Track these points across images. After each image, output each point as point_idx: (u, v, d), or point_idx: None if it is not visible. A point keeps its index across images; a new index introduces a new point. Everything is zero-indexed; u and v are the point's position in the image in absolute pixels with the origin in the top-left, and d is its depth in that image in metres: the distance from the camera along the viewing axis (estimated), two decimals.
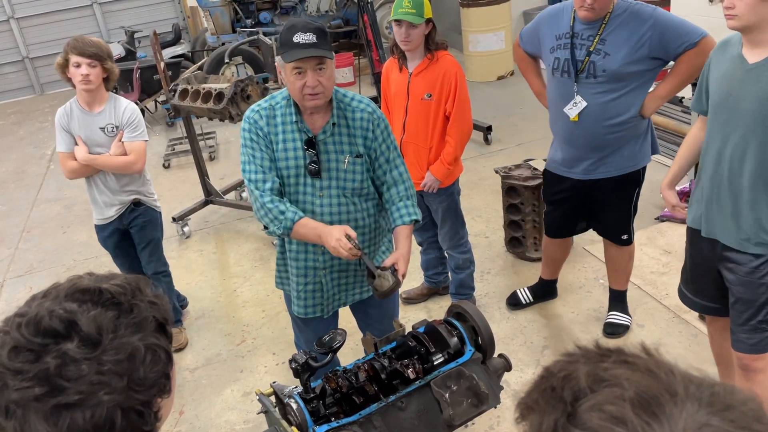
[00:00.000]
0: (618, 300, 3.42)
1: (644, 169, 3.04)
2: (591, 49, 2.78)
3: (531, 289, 3.69)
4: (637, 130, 2.92)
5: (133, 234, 3.54)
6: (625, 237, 3.19)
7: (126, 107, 3.34)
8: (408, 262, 2.29)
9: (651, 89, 2.90)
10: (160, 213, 3.65)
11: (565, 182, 3.13)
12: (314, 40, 2.10)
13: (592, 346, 0.66)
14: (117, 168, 3.31)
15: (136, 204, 3.47)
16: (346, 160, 2.26)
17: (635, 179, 3.03)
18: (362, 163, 2.28)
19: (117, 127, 3.29)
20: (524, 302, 3.66)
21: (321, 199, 2.27)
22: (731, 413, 0.55)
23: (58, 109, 3.31)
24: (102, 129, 3.27)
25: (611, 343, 0.71)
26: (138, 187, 3.46)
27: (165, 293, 3.35)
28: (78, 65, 3.11)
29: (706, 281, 2.46)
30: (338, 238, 2.12)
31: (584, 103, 2.85)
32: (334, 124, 2.24)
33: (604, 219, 3.20)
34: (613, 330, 3.35)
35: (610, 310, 3.43)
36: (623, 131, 2.88)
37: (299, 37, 2.09)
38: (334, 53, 2.20)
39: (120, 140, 3.28)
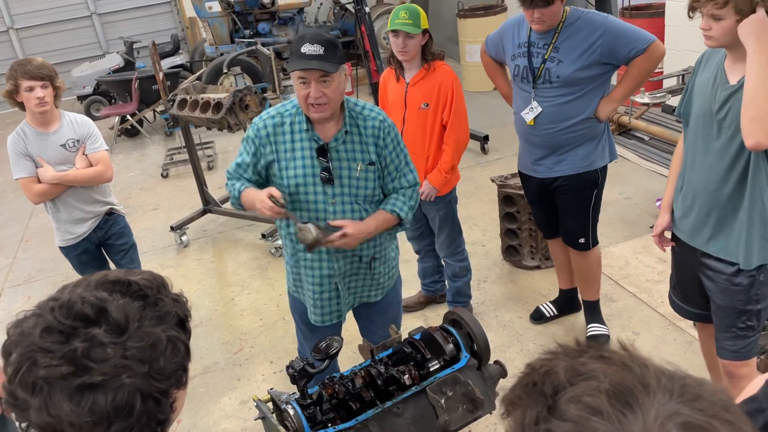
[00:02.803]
0: (593, 311, 3.44)
1: (602, 171, 3.10)
2: (546, 57, 2.90)
3: (554, 302, 3.66)
4: (593, 132, 3.01)
5: (111, 244, 3.52)
6: (582, 241, 3.22)
7: (82, 121, 3.34)
8: (361, 232, 2.27)
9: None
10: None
11: (532, 181, 3.23)
12: (321, 51, 2.12)
13: (572, 343, 0.69)
14: (89, 180, 3.28)
15: (109, 213, 3.47)
16: (359, 168, 2.28)
17: (592, 180, 3.10)
18: (374, 171, 2.31)
19: (78, 141, 3.27)
20: (549, 315, 3.62)
21: (333, 206, 2.29)
22: (700, 403, 0.58)
23: (8, 137, 3.23)
24: (63, 146, 3.24)
25: None
26: (107, 196, 3.46)
27: None
28: (31, 89, 3.07)
29: (691, 288, 2.48)
30: (261, 199, 2.19)
31: (539, 109, 2.98)
32: (346, 132, 2.27)
33: (564, 222, 3.26)
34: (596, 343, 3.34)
35: (587, 323, 3.45)
36: (577, 132, 2.98)
37: (306, 48, 2.12)
38: (343, 65, 2.20)
39: (83, 153, 3.27)
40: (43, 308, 0.88)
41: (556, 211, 3.29)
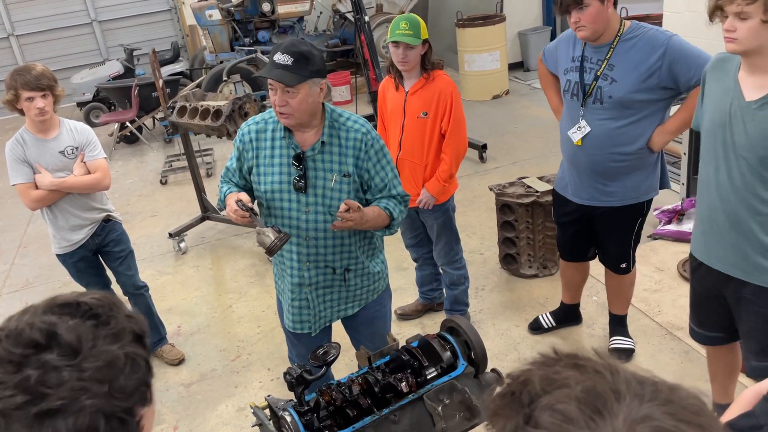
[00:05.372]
0: (619, 324, 3.39)
1: (649, 201, 2.96)
2: (598, 73, 2.71)
3: (553, 313, 3.61)
4: (645, 161, 2.81)
5: (108, 251, 3.52)
6: (623, 266, 3.15)
7: (82, 128, 3.34)
8: (363, 215, 2.21)
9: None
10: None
11: (570, 205, 3.09)
12: (288, 62, 2.12)
13: (550, 352, 0.70)
14: (87, 187, 3.28)
15: (106, 221, 3.47)
16: (334, 179, 2.27)
17: (638, 210, 2.96)
18: (349, 183, 2.29)
19: (77, 148, 3.28)
20: (546, 326, 3.59)
21: (307, 214, 2.29)
22: (671, 407, 0.60)
23: (7, 143, 3.23)
24: (62, 152, 3.24)
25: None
26: (104, 204, 3.47)
27: (151, 308, 3.33)
28: (31, 99, 3.07)
29: (712, 311, 2.37)
30: (230, 204, 2.23)
31: (588, 129, 2.79)
32: (323, 142, 2.26)
33: (604, 247, 3.16)
34: (619, 356, 3.21)
35: (612, 335, 3.40)
36: (629, 161, 2.79)
37: (277, 56, 2.14)
38: (316, 79, 2.17)
39: (82, 161, 3.28)
40: None
41: (586, 237, 3.18)
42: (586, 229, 3.15)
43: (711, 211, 2.21)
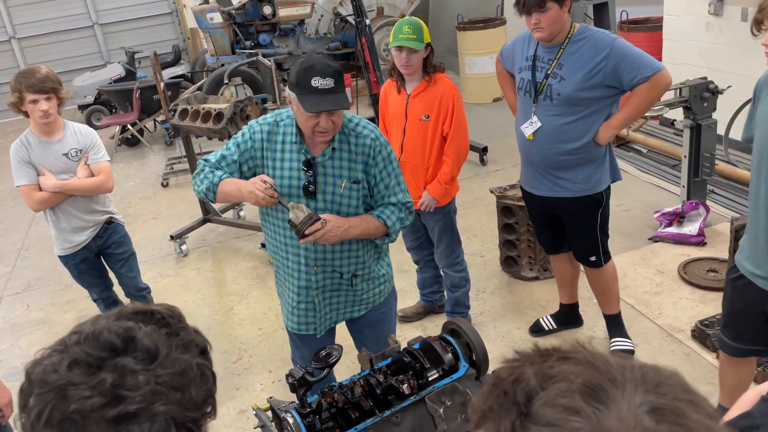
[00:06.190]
0: (614, 324, 3.40)
1: (605, 192, 3.06)
2: (549, 72, 2.87)
3: (554, 316, 3.63)
4: (593, 155, 2.95)
5: (110, 252, 3.53)
6: (593, 259, 3.19)
7: (86, 131, 3.36)
8: (341, 222, 2.21)
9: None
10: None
11: (533, 199, 3.21)
12: (332, 85, 2.08)
13: (531, 349, 0.70)
14: (90, 189, 3.30)
15: (108, 222, 3.48)
16: (343, 185, 2.27)
17: (596, 202, 3.05)
18: (359, 189, 2.29)
19: (81, 150, 3.29)
20: (547, 329, 3.60)
21: None
22: (663, 388, 0.62)
23: (12, 144, 3.25)
24: (66, 155, 3.26)
25: None
26: (107, 206, 3.48)
27: None
28: (35, 101, 3.08)
29: (750, 325, 2.35)
30: (254, 182, 2.15)
31: (539, 124, 2.95)
32: (334, 149, 2.26)
33: (572, 241, 3.24)
34: None
35: (610, 337, 3.42)
36: (577, 155, 2.94)
37: (318, 82, 2.06)
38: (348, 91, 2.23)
39: (85, 163, 3.29)
40: (67, 342, 0.84)
41: (558, 228, 3.26)
42: (554, 223, 3.25)
43: (758, 229, 2.19)
